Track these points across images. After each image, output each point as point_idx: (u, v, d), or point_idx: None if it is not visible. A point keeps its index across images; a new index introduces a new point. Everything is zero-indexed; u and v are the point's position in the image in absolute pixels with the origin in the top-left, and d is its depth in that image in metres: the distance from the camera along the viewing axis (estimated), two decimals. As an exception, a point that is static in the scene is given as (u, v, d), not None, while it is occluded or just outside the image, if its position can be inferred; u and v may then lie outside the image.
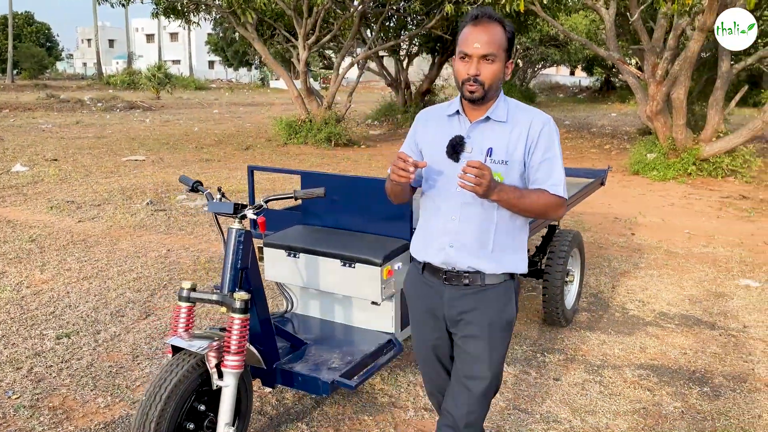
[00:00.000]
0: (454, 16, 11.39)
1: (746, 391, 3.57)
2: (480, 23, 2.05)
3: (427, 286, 2.26)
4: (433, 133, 2.22)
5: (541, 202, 2.10)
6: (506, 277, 2.20)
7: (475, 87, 2.06)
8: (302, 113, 14.27)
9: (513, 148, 2.11)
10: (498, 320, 2.18)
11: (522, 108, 2.19)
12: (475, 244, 2.14)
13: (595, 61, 31.74)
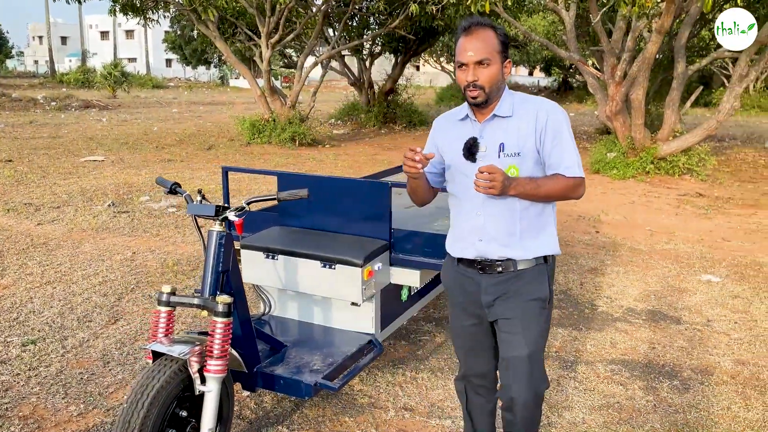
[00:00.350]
0: (418, 16, 11.45)
1: (713, 383, 3.68)
2: (471, 32, 2.17)
3: (465, 276, 2.38)
4: (449, 138, 2.36)
5: (558, 186, 2.21)
6: (539, 260, 2.31)
7: (476, 92, 2.18)
8: (266, 112, 14.13)
9: (523, 139, 2.22)
10: (531, 301, 2.29)
11: (528, 99, 2.29)
12: (501, 234, 2.27)
13: (553, 62, 32.29)
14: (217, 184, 9.22)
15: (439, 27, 14.93)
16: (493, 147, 2.24)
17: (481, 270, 2.32)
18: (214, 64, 40.10)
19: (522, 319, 2.29)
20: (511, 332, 2.30)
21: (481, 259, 2.31)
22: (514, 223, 2.26)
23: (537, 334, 2.32)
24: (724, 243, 6.77)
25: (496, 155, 2.23)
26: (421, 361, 3.81)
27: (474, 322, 2.42)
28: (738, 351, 4.11)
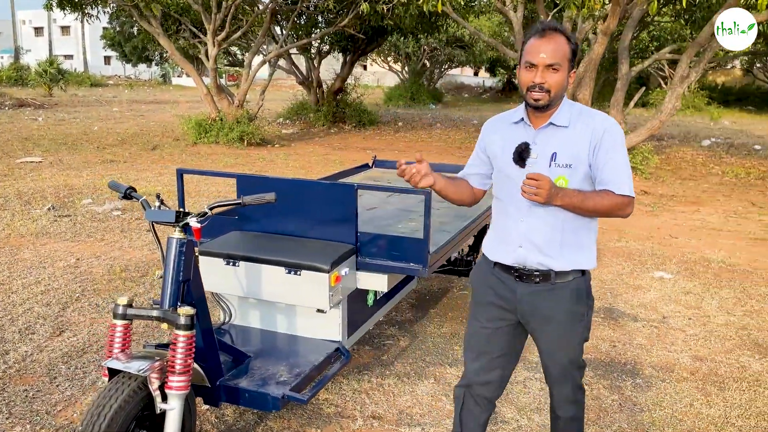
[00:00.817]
0: (368, 15, 11.36)
1: (674, 380, 3.73)
2: (546, 35, 2.14)
3: (499, 280, 2.35)
4: (500, 140, 2.34)
5: (605, 203, 2.16)
6: (576, 273, 2.28)
7: (541, 95, 2.15)
8: (212, 112, 13.78)
9: (576, 151, 2.19)
10: (570, 314, 2.30)
11: (586, 112, 2.25)
12: (543, 244, 2.24)
13: (498, 63, 32.75)
14: (164, 186, 8.91)
15: (389, 26, 14.88)
16: (545, 155, 2.21)
17: (518, 277, 2.30)
18: (155, 62, 38.98)
19: (561, 332, 2.31)
20: (551, 341, 2.34)
21: (519, 267, 2.29)
22: (556, 233, 2.23)
23: (575, 344, 2.35)
24: (672, 240, 6.95)
25: (546, 164, 2.20)
26: (387, 367, 3.73)
27: (496, 325, 2.39)
28: (695, 347, 4.19)
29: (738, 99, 31.17)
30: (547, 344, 2.35)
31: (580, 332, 2.35)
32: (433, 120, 20.51)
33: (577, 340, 2.35)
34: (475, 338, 2.46)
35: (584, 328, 2.36)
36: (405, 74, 30.41)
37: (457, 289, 5.10)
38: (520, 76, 2.21)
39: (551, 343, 2.34)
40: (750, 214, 8.45)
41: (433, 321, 4.45)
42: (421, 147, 14.62)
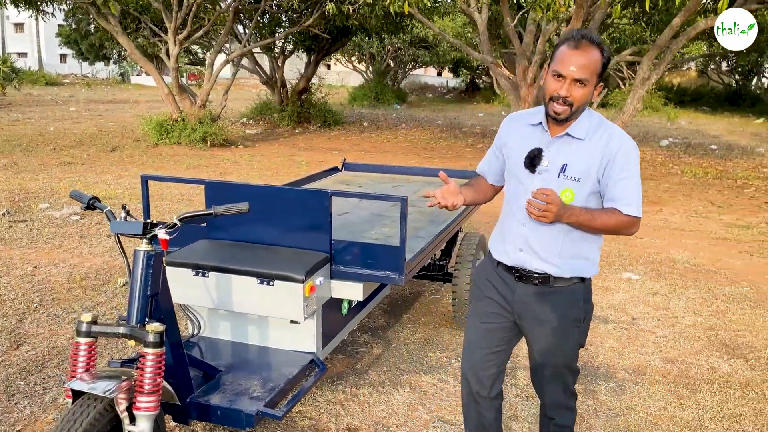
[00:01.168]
0: (333, 15, 11.26)
1: (647, 383, 3.75)
2: (581, 46, 2.08)
3: (501, 279, 2.37)
4: (516, 140, 2.32)
5: (612, 222, 2.16)
6: (575, 280, 2.28)
7: (563, 108, 2.12)
8: (174, 112, 13.48)
9: (587, 165, 2.16)
10: (564, 319, 2.29)
11: (603, 125, 2.21)
12: (543, 250, 2.25)
13: (461, 63, 32.91)
14: (125, 189, 8.67)
15: (353, 26, 14.80)
16: (556, 165, 2.19)
17: (518, 278, 2.32)
18: (113, 60, 38.04)
19: (555, 335, 2.31)
20: (545, 344, 2.34)
21: (519, 268, 2.30)
22: (557, 241, 2.23)
23: (570, 348, 2.35)
24: (637, 240, 7.03)
25: (556, 174, 2.19)
26: (361, 376, 3.66)
27: (494, 321, 2.40)
28: (665, 349, 4.23)
29: (693, 99, 31.98)
30: (540, 346, 2.35)
31: (576, 337, 2.34)
32: (399, 120, 20.49)
33: (572, 345, 2.35)
34: (474, 333, 2.47)
35: (580, 334, 2.35)
36: (369, 74, 30.33)
37: (428, 293, 5.06)
38: (546, 83, 2.16)
39: (544, 346, 2.34)
40: (710, 213, 8.63)
41: (406, 327, 4.39)
42: (387, 147, 14.57)
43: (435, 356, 3.96)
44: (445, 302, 4.87)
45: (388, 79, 29.75)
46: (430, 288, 5.14)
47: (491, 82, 29.33)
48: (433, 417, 3.27)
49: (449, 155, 13.63)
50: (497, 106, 27.01)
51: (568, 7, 8.77)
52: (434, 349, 4.06)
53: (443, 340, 4.19)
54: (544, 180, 2.21)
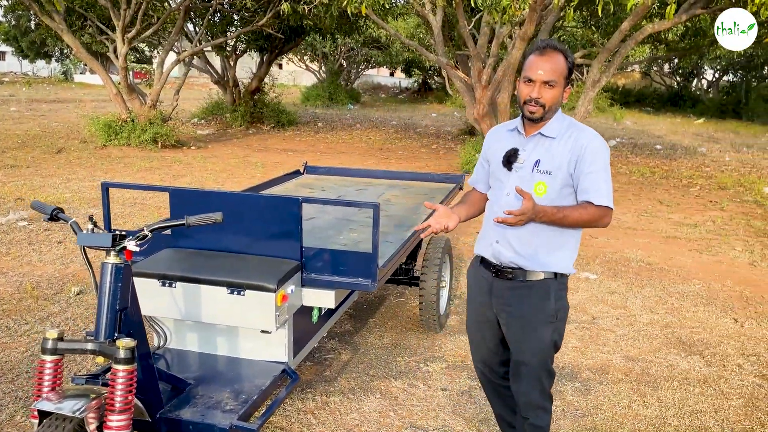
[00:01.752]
0: (288, 15, 11.13)
1: (610, 382, 3.83)
2: (545, 53, 2.30)
3: (482, 277, 2.54)
4: (497, 145, 2.53)
5: (585, 215, 2.30)
6: (549, 275, 2.40)
7: (536, 108, 2.32)
8: (123, 112, 13.09)
9: (558, 160, 2.34)
10: (537, 314, 2.41)
11: (575, 126, 2.40)
12: (517, 242, 2.38)
13: (414, 64, 33.09)
14: (74, 193, 8.38)
15: (308, 26, 14.68)
16: (530, 161, 2.39)
17: (494, 274, 2.47)
18: (55, 58, 36.75)
19: (528, 330, 2.43)
20: (518, 341, 2.47)
21: (496, 262, 2.45)
22: (531, 236, 2.36)
23: (542, 345, 2.44)
24: (592, 240, 7.20)
25: (530, 170, 2.38)
26: (330, 383, 3.62)
27: (484, 320, 2.57)
28: (625, 347, 4.33)
29: (637, 100, 33.01)
30: (514, 342, 2.48)
31: (549, 334, 2.44)
32: (353, 120, 20.45)
33: (545, 343, 2.45)
34: (471, 330, 2.69)
35: (554, 332, 2.45)
36: (322, 74, 30.17)
37: (393, 297, 5.05)
38: (519, 89, 2.37)
39: (518, 341, 2.46)
40: (659, 212, 8.91)
41: (373, 332, 4.37)
42: (343, 148, 14.52)
43: (404, 360, 3.95)
44: (410, 306, 4.88)
45: (342, 79, 29.66)
46: (394, 291, 5.14)
47: (443, 82, 29.58)
48: (405, 423, 3.26)
49: (405, 156, 13.67)
50: (450, 106, 27.22)
51: (522, 11, 8.91)
52: (402, 353, 4.06)
53: (411, 344, 4.19)
54: (520, 176, 2.39)
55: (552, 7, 9.94)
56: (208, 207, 3.01)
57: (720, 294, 5.49)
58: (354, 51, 28.82)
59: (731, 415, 3.50)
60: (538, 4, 9.05)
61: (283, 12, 10.34)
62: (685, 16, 9.83)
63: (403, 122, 20.83)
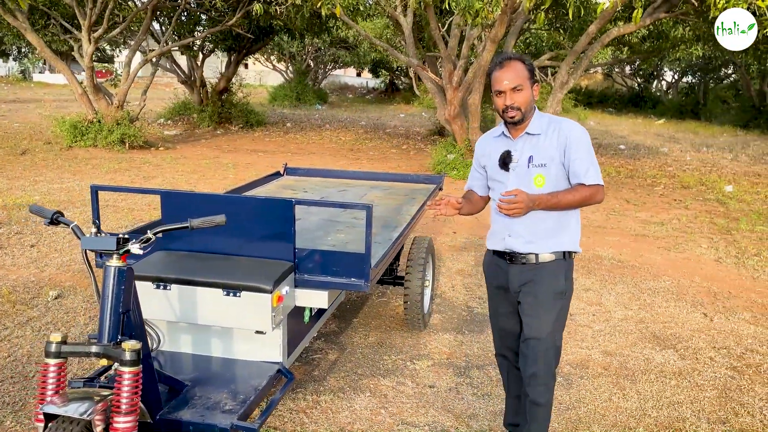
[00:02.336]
0: (259, 15, 11.08)
1: (591, 376, 3.96)
2: (504, 65, 2.58)
3: (498, 266, 2.80)
4: (488, 152, 2.80)
5: (578, 196, 2.57)
6: (558, 255, 2.66)
7: (514, 113, 2.59)
8: (89, 113, 12.86)
9: (549, 153, 2.61)
10: (549, 290, 2.66)
11: (554, 120, 2.67)
12: (525, 232, 2.65)
13: (381, 64, 33.17)
14: (42, 195, 8.22)
15: (277, 26, 14.64)
16: (524, 159, 2.64)
17: (509, 260, 2.72)
18: (13, 57, 35.78)
19: (541, 305, 2.66)
20: (531, 316, 2.68)
21: (510, 252, 2.69)
22: (537, 223, 2.62)
23: (553, 319, 2.67)
24: (564, 238, 7.36)
25: (526, 166, 2.62)
26: (320, 382, 3.66)
27: (507, 310, 2.82)
28: (603, 342, 4.47)
29: (600, 101, 33.70)
30: (529, 318, 2.68)
31: (558, 309, 2.68)
32: (322, 121, 20.43)
33: (555, 316, 2.67)
34: (493, 318, 2.93)
35: (562, 308, 2.71)
36: (290, 74, 30.03)
37: (375, 297, 5.11)
38: (495, 102, 2.64)
39: (533, 316, 2.67)
40: (627, 211, 9.15)
41: (358, 331, 4.42)
42: (313, 149, 14.51)
43: (390, 359, 4.01)
44: (393, 305, 4.94)
45: (309, 79, 29.57)
46: (376, 292, 5.20)
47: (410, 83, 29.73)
48: (396, 420, 3.32)
49: (376, 156, 13.73)
50: (417, 107, 27.37)
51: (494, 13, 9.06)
52: (389, 352, 4.12)
53: (396, 343, 4.25)
54: (518, 174, 2.65)
55: (522, 10, 10.12)
56: (200, 209, 3.04)
57: (689, 290, 5.69)
58: (321, 51, 28.77)
59: (707, 405, 3.65)
60: (509, 7, 9.22)
61: (255, 12, 10.30)
62: (649, 19, 10.13)
63: (371, 123, 20.90)
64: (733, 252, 7.04)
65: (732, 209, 9.44)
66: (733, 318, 5.05)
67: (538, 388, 2.70)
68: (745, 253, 6.99)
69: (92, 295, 4.85)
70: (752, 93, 25.55)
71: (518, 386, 2.94)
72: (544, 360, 2.69)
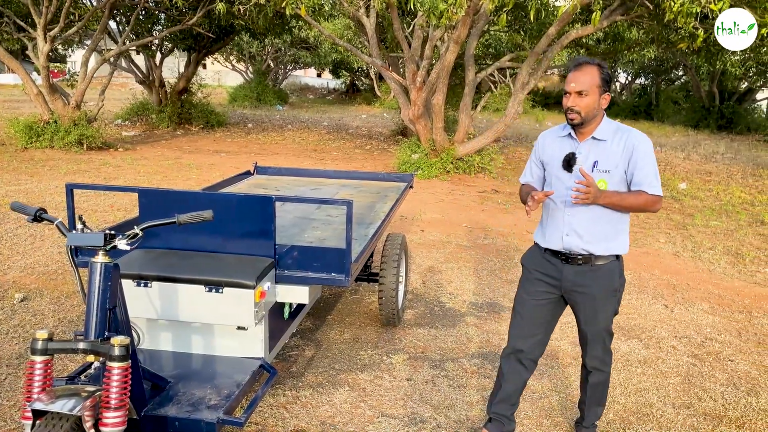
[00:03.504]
0: (221, 14, 11.00)
1: (561, 366, 4.09)
2: (579, 68, 2.68)
3: (549, 262, 2.89)
4: (551, 150, 2.88)
5: (640, 201, 2.68)
6: (612, 257, 2.80)
7: (573, 116, 2.69)
8: (45, 113, 12.54)
9: (614, 160, 2.70)
10: (605, 290, 2.82)
11: (622, 128, 2.77)
12: (585, 233, 2.76)
13: (341, 65, 33.20)
14: (0, 198, 7.99)
15: (238, 26, 14.53)
16: (588, 163, 2.73)
17: (564, 260, 2.83)
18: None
19: (598, 303, 2.83)
20: (590, 313, 2.85)
21: (566, 251, 2.80)
22: (595, 224, 2.74)
23: (610, 314, 2.88)
24: (528, 234, 7.53)
25: (589, 170, 2.72)
26: (299, 378, 3.69)
27: (543, 298, 2.91)
28: (570, 334, 4.61)
29: (556, 102, 34.35)
30: (586, 314, 2.87)
31: (613, 305, 2.88)
32: (283, 121, 20.33)
33: (611, 311, 2.88)
34: (525, 307, 2.96)
35: (616, 302, 2.89)
36: (249, 74, 29.78)
37: (349, 294, 5.15)
38: (563, 101, 2.74)
39: (590, 313, 2.86)
40: (587, 208, 9.38)
41: (333, 328, 4.46)
42: (276, 149, 14.45)
43: (367, 354, 4.06)
44: (366, 302, 4.99)
45: (269, 80, 29.38)
46: (350, 289, 5.24)
47: (372, 84, 29.82)
48: (376, 412, 3.37)
49: (340, 156, 13.76)
50: (378, 108, 27.50)
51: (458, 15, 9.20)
52: (365, 347, 4.17)
53: (371, 339, 4.31)
54: (580, 176, 2.70)
55: (484, 12, 10.29)
56: (179, 207, 3.02)
57: (650, 282, 5.90)
58: (282, 52, 28.61)
59: (671, 391, 3.81)
60: (472, 9, 9.37)
61: (218, 11, 10.22)
62: (606, 22, 10.41)
63: (334, 123, 20.89)
64: (690, 246, 7.32)
65: (686, 206, 9.79)
66: (692, 309, 5.26)
67: (599, 368, 2.99)
68: (701, 247, 7.27)
69: (59, 298, 4.77)
70: (702, 94, 26.45)
71: (516, 379, 3.07)
72: (603, 345, 2.95)
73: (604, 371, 3.03)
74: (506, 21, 10.98)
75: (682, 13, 7.52)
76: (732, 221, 8.80)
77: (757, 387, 3.93)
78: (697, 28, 8.23)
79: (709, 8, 7.03)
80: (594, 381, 3.05)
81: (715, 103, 25.74)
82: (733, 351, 4.46)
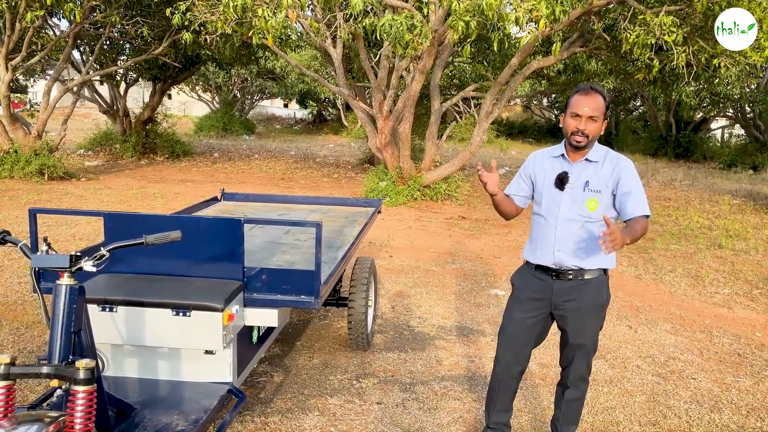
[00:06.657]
0: (187, 44, 11.02)
1: (530, 387, 4.12)
2: (589, 93, 2.79)
3: (539, 279, 2.98)
4: (543, 169, 2.99)
5: (644, 225, 2.78)
6: (600, 272, 2.92)
7: (581, 138, 2.81)
8: (5, 143, 12.31)
9: (604, 181, 2.85)
10: (593, 305, 2.94)
11: (611, 153, 2.93)
12: (575, 248, 2.87)
13: (308, 95, 33.39)
14: (-43, 228, 7.76)
15: (205, 56, 14.54)
16: (580, 182, 2.87)
17: (554, 276, 2.93)
18: None
19: (586, 318, 2.94)
20: (577, 326, 2.94)
21: (557, 267, 2.90)
22: (585, 241, 2.86)
23: (596, 329, 3.00)
24: (495, 259, 7.63)
25: (581, 189, 2.86)
26: (267, 404, 3.64)
27: (534, 315, 2.99)
28: (538, 355, 4.65)
29: (519, 132, 35.10)
30: (574, 328, 2.96)
31: (600, 320, 2.99)
32: (250, 151, 20.28)
33: (597, 327, 3.00)
34: (516, 327, 3.03)
35: (602, 318, 3.01)
36: (215, 104, 29.72)
37: (318, 319, 5.12)
38: (566, 123, 2.85)
39: (578, 327, 2.95)
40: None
41: (302, 353, 4.43)
42: (243, 178, 14.39)
43: (336, 379, 4.04)
44: (335, 327, 4.97)
45: (236, 110, 29.35)
46: (318, 314, 5.21)
47: (338, 114, 30.03)
48: (346, 437, 3.35)
49: (308, 185, 13.76)
50: (346, 137, 27.64)
51: (423, 45, 9.38)
52: (334, 372, 4.14)
53: (341, 363, 4.28)
54: (573, 195, 2.88)
55: (448, 43, 10.52)
56: (145, 230, 2.99)
57: (614, 304, 6.00)
58: (248, 82, 28.67)
59: (637, 409, 3.87)
60: (436, 40, 9.57)
61: (185, 41, 10.24)
62: (566, 53, 10.75)
63: (301, 152, 20.91)
64: (651, 269, 7.49)
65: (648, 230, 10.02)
66: (655, 329, 5.37)
67: (578, 384, 3.06)
68: (662, 270, 7.45)
69: (18, 328, 4.65)
70: (659, 124, 27.30)
71: (509, 397, 3.19)
72: (587, 361, 3.03)
73: (581, 388, 3.10)
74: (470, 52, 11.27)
75: (638, 44, 7.82)
76: (691, 245, 9.04)
77: (720, 404, 4.02)
78: (652, 59, 8.56)
79: (663, 40, 7.31)
80: (570, 397, 3.11)
81: (672, 133, 26.57)
82: (696, 369, 4.56)
